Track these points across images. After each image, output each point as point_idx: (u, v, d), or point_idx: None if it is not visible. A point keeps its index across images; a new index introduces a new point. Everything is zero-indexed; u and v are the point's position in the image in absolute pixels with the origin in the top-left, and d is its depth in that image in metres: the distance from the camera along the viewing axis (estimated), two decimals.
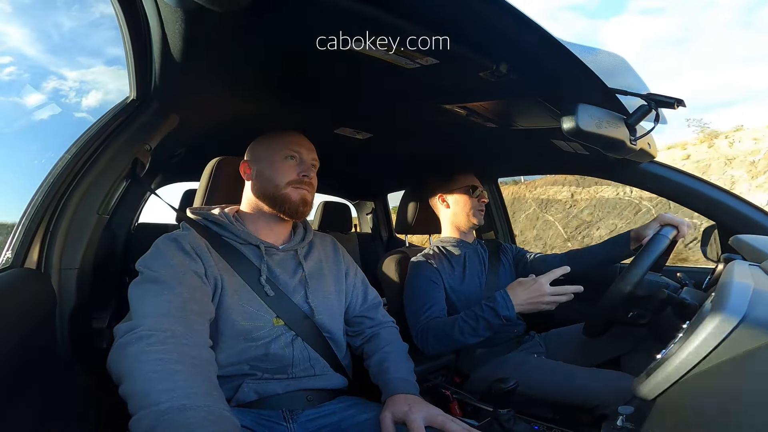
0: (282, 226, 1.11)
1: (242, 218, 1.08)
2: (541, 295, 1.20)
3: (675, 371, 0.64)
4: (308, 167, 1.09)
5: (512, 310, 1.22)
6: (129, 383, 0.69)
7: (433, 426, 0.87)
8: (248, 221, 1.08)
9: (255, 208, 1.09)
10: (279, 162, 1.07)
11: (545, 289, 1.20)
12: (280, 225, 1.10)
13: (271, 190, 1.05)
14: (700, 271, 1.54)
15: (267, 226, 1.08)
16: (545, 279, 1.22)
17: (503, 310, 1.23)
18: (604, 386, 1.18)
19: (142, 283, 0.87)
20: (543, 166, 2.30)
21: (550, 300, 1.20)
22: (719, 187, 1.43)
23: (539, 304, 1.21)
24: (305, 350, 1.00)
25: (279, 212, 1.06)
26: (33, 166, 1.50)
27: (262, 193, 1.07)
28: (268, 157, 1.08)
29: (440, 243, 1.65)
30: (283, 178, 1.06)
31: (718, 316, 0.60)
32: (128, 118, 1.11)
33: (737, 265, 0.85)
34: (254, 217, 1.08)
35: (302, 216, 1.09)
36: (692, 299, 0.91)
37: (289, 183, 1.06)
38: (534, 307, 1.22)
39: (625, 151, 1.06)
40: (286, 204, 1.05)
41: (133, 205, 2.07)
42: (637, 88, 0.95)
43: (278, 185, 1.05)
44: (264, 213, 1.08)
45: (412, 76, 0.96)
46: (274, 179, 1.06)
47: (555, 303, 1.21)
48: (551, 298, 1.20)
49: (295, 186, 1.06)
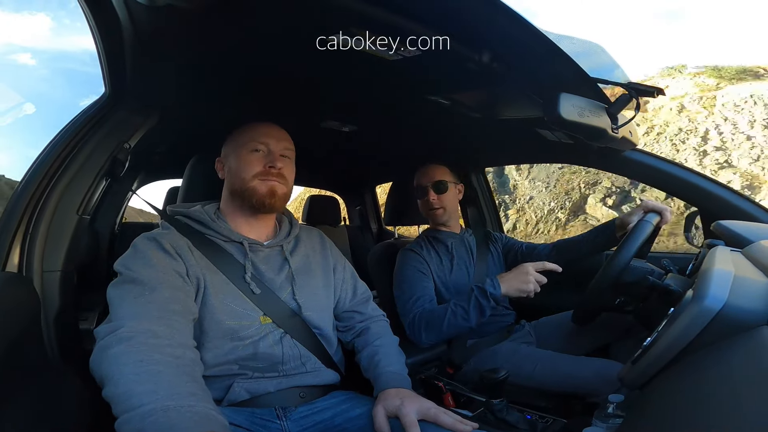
0: (262, 221, 1.08)
1: (223, 215, 1.06)
2: (526, 274, 1.24)
3: (659, 359, 0.65)
4: (276, 158, 1.04)
5: (498, 289, 1.26)
6: (112, 386, 0.68)
7: (425, 419, 0.87)
8: (229, 218, 1.06)
9: (231, 205, 1.06)
10: (245, 155, 1.04)
11: (529, 269, 1.25)
12: (259, 220, 1.07)
13: (239, 185, 1.03)
14: (684, 257, 1.57)
15: (246, 222, 1.06)
16: (530, 263, 1.26)
17: (490, 287, 1.26)
18: (595, 375, 1.20)
19: (122, 284, 0.85)
20: (528, 156, 2.32)
21: (533, 280, 1.23)
22: (701, 174, 1.45)
23: (524, 284, 1.23)
24: (295, 347, 0.99)
25: (248, 207, 1.03)
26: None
27: (232, 188, 1.05)
28: (235, 151, 1.06)
29: (427, 233, 1.65)
30: (249, 171, 1.02)
31: (699, 303, 0.60)
32: (103, 115, 1.09)
33: (719, 251, 0.86)
34: (234, 214, 1.06)
35: (273, 209, 1.05)
36: (676, 285, 0.93)
37: (255, 175, 1.02)
38: (520, 287, 1.24)
39: (607, 140, 1.08)
40: (253, 197, 1.02)
41: (116, 204, 2.04)
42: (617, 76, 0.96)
43: (244, 179, 1.02)
44: (238, 209, 1.06)
45: (395, 67, 0.95)
46: (240, 173, 1.03)
47: (537, 284, 1.24)
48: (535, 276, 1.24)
49: (262, 178, 1.02)
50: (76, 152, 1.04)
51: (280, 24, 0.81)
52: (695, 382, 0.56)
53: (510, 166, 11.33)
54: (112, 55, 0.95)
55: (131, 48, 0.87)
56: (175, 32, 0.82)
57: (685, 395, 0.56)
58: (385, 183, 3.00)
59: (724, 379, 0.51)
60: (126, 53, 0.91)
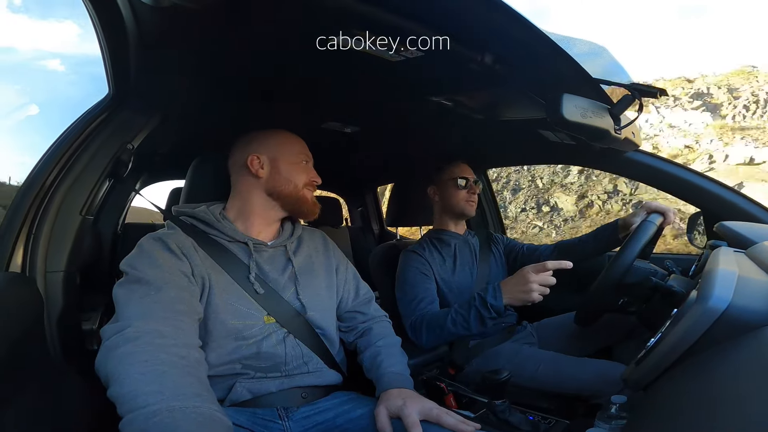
0: (278, 224, 1.11)
1: (230, 215, 1.06)
2: (527, 282, 1.18)
3: (663, 360, 0.65)
4: (316, 174, 1.13)
5: (499, 300, 1.22)
6: (117, 385, 0.68)
7: (428, 420, 0.87)
8: (238, 218, 1.06)
9: (260, 204, 1.06)
10: (298, 163, 1.09)
11: (530, 277, 1.18)
12: (278, 222, 1.11)
13: (291, 190, 1.06)
14: (687, 259, 1.57)
15: (264, 223, 1.07)
16: (531, 268, 1.20)
17: (491, 298, 1.23)
18: (597, 376, 1.19)
19: (128, 283, 0.85)
20: (531, 157, 2.31)
21: (536, 288, 1.17)
22: (704, 175, 1.45)
23: (527, 293, 1.18)
24: (297, 347, 0.99)
25: (292, 211, 1.10)
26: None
27: (278, 190, 1.06)
28: (283, 156, 1.08)
29: (431, 234, 1.65)
30: (302, 179, 1.08)
31: (703, 304, 0.60)
32: (107, 116, 1.09)
33: (722, 252, 0.86)
34: (247, 213, 1.06)
35: (313, 217, 1.12)
36: (679, 287, 0.92)
37: (306, 184, 1.09)
38: (523, 296, 1.19)
39: (609, 141, 1.07)
40: (304, 205, 1.09)
41: (119, 205, 2.04)
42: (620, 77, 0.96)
43: (297, 185, 1.07)
44: (270, 209, 1.07)
45: (398, 68, 0.95)
46: (293, 178, 1.07)
47: (542, 292, 1.18)
48: (538, 287, 1.17)
49: (310, 188, 1.10)
50: (79, 153, 1.05)
51: (283, 25, 0.81)
52: (700, 383, 0.55)
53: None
54: (116, 56, 0.95)
55: (135, 48, 0.87)
56: (179, 33, 0.82)
57: (690, 395, 0.56)
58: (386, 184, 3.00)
59: (729, 379, 0.51)
60: (130, 54, 0.91)
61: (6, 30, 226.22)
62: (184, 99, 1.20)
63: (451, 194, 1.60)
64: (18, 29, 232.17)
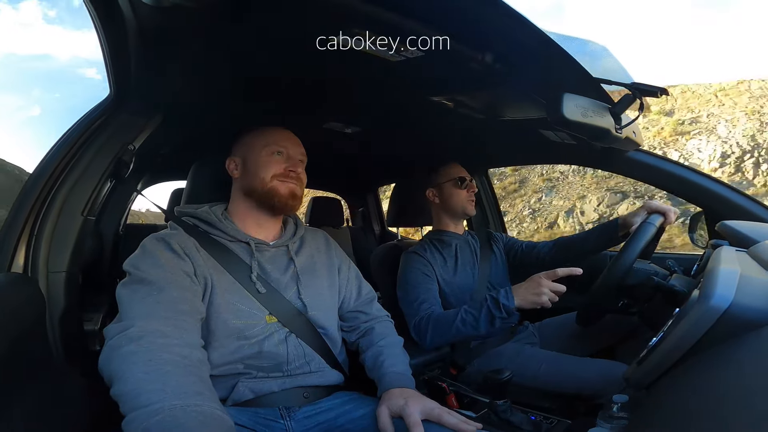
0: (272, 222, 1.10)
1: (231, 215, 1.07)
2: (539, 286, 1.19)
3: (665, 360, 0.65)
4: (296, 162, 1.08)
5: (511, 300, 1.23)
6: (120, 384, 0.69)
7: (429, 419, 0.87)
8: (237, 218, 1.07)
9: (243, 205, 1.07)
10: (266, 156, 1.06)
11: (543, 282, 1.19)
12: (270, 221, 1.09)
13: (258, 185, 1.04)
14: (689, 258, 1.56)
15: (256, 223, 1.07)
16: (543, 274, 1.21)
17: (503, 299, 1.24)
18: (599, 375, 1.19)
19: (131, 283, 0.86)
20: (532, 157, 2.31)
21: (548, 293, 1.18)
22: (705, 174, 1.44)
23: (538, 296, 1.19)
24: (300, 347, 1.00)
25: (268, 207, 1.06)
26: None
27: (250, 188, 1.06)
28: (254, 153, 1.07)
29: (432, 235, 1.65)
30: (269, 172, 1.05)
31: (705, 303, 0.60)
32: (108, 117, 1.09)
33: (724, 251, 0.86)
34: (243, 214, 1.07)
35: (292, 210, 1.09)
36: (681, 286, 0.92)
37: (275, 176, 1.05)
38: (534, 299, 1.20)
39: (610, 140, 1.07)
40: (275, 198, 1.04)
41: (120, 205, 2.04)
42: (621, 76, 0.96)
43: (264, 179, 1.04)
44: (253, 209, 1.07)
45: (398, 68, 0.96)
46: (260, 173, 1.04)
47: (553, 298, 1.19)
48: (549, 292, 1.18)
49: (282, 179, 1.05)
50: (81, 154, 1.05)
51: (283, 25, 0.81)
52: (703, 381, 0.55)
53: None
54: (117, 57, 0.95)
55: (136, 49, 0.88)
56: (180, 33, 0.82)
57: (693, 394, 0.55)
58: (388, 184, 3.00)
59: (733, 377, 0.51)
60: (131, 54, 0.91)
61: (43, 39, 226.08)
62: (185, 99, 1.21)
63: (451, 195, 1.60)
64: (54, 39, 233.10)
